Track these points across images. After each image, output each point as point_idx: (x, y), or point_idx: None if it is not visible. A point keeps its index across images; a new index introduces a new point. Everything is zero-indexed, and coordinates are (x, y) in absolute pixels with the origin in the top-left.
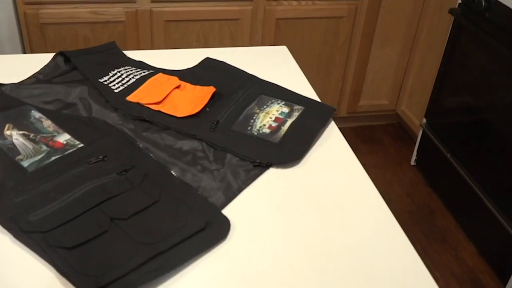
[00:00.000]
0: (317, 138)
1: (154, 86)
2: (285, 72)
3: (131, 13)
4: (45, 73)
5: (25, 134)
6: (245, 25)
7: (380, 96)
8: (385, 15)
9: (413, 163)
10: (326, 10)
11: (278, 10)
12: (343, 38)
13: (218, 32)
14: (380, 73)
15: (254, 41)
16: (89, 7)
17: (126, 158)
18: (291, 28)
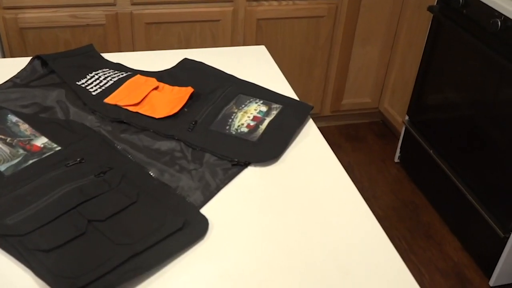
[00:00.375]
0: (295, 136)
1: (132, 88)
2: (264, 72)
3: (111, 16)
4: (22, 77)
5: (2, 138)
6: (226, 26)
7: (363, 94)
8: (365, 13)
9: (397, 160)
10: (307, 10)
11: (258, 11)
12: (324, 37)
13: (199, 33)
14: (362, 72)
15: (235, 42)
16: (69, 11)
17: (104, 160)
18: (272, 28)
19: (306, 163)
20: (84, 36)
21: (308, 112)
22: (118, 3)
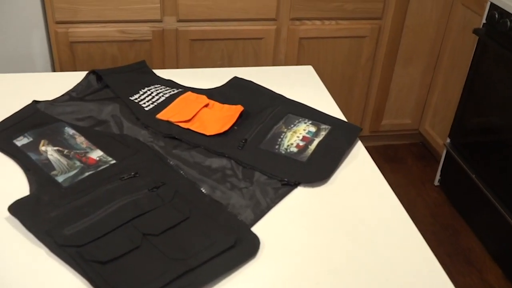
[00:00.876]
0: (344, 157)
1: (183, 105)
2: (311, 92)
3: (157, 32)
4: (78, 91)
5: (60, 150)
6: (269, 44)
7: (403, 115)
8: (408, 34)
9: (437, 183)
10: (349, 30)
11: (301, 30)
12: (366, 57)
13: (242, 50)
14: (403, 92)
15: (277, 60)
16: (117, 26)
17: (157, 175)
18: (314, 47)
19: (355, 185)
20: (130, 51)
21: (357, 134)
22: (165, 20)
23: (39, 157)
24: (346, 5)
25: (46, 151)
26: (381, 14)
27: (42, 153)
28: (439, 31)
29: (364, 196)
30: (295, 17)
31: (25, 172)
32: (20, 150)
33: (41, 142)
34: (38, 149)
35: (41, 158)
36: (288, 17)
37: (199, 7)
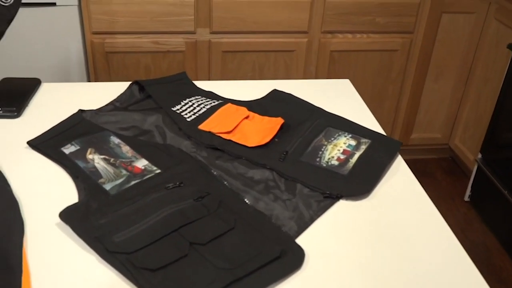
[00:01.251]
0: (385, 172)
1: (224, 116)
2: (349, 105)
3: (191, 43)
4: (122, 101)
5: (106, 158)
6: (300, 57)
7: (433, 129)
8: (440, 48)
9: (467, 199)
10: (381, 43)
11: (333, 43)
12: (397, 71)
13: (273, 62)
14: (434, 106)
15: (307, 72)
16: (152, 37)
17: (201, 185)
18: (345, 60)
19: (397, 199)
20: (163, 62)
21: (397, 148)
22: (198, 32)
23: (87, 165)
24: (378, 18)
25: (93, 159)
26: (413, 28)
27: (89, 161)
28: (471, 45)
29: (407, 210)
30: (326, 30)
31: (73, 179)
32: (68, 158)
33: (88, 150)
34: (86, 157)
35: (89, 166)
36: (319, 30)
37: (232, 19)
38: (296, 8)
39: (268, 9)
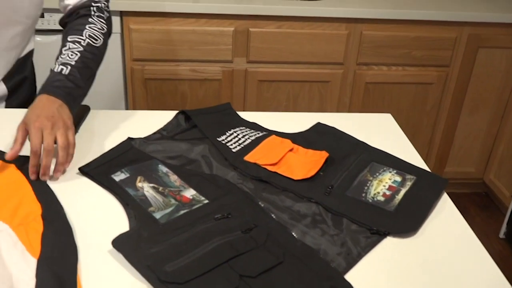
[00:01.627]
0: (431, 209)
1: (269, 148)
2: (391, 140)
3: (227, 72)
4: (168, 130)
5: (155, 187)
6: (335, 88)
7: (467, 163)
8: (476, 82)
9: (502, 236)
10: (416, 76)
11: (368, 75)
12: (432, 104)
13: (307, 92)
14: (468, 140)
15: (341, 103)
16: (190, 65)
17: (249, 217)
18: (379, 92)
19: (444, 237)
20: (200, 89)
21: (444, 186)
22: (235, 61)
23: (136, 193)
24: (414, 52)
25: (143, 187)
26: (449, 62)
27: (139, 189)
28: (508, 80)
29: (454, 249)
30: (362, 62)
31: (124, 207)
32: (118, 185)
33: (138, 178)
34: (135, 185)
35: (138, 194)
36: (355, 62)
37: (269, 49)
38: (332, 40)
39: (305, 41)
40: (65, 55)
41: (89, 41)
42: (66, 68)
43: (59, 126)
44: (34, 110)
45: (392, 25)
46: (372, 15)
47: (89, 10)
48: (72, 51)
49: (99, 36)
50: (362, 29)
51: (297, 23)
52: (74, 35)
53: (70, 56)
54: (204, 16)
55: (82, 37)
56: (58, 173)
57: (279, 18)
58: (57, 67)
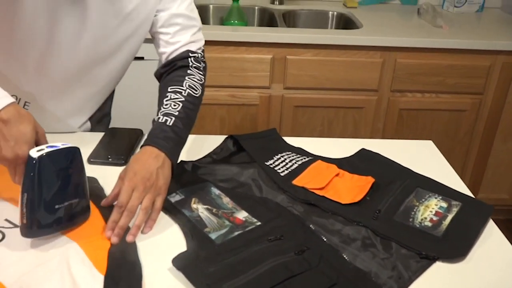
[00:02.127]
0: (479, 235)
1: (316, 173)
2: (434, 166)
3: (265, 97)
4: (218, 154)
5: (209, 208)
6: (369, 114)
7: (501, 190)
8: (509, 110)
9: None
10: (449, 103)
11: (402, 101)
12: (465, 131)
13: (342, 118)
14: (502, 167)
15: (375, 129)
16: (229, 91)
17: (301, 239)
18: (413, 118)
19: (492, 263)
20: (237, 114)
21: (490, 212)
22: (273, 87)
23: (192, 214)
24: (447, 79)
25: (197, 209)
26: (482, 89)
27: (194, 210)
28: None
29: (504, 275)
30: (396, 89)
31: (181, 227)
32: (174, 206)
33: (192, 199)
34: (190, 206)
35: (194, 215)
36: (389, 89)
37: (305, 76)
38: (367, 68)
39: (340, 68)
40: (167, 106)
41: (189, 91)
42: (170, 119)
43: (151, 191)
44: (134, 165)
45: (425, 54)
46: (406, 43)
47: (187, 62)
48: (174, 101)
49: (198, 86)
50: (397, 57)
51: (333, 51)
52: (174, 86)
53: (173, 107)
54: (244, 44)
55: (182, 88)
56: (131, 237)
57: (315, 46)
58: (161, 117)
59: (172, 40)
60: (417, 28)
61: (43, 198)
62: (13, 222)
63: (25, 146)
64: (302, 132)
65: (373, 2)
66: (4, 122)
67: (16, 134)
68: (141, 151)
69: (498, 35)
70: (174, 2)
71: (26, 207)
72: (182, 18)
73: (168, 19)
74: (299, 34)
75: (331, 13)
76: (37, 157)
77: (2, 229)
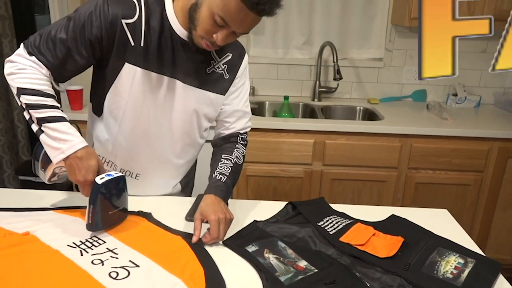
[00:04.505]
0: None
1: (357, 232)
2: (450, 230)
3: (307, 172)
4: (281, 216)
5: (277, 257)
6: (390, 186)
7: (503, 251)
8: (507, 185)
9: None
10: (456, 179)
11: (417, 176)
12: (470, 202)
13: (369, 190)
14: (503, 232)
15: (396, 199)
16: (280, 167)
17: (349, 284)
18: (427, 191)
19: None
20: (286, 185)
21: (499, 268)
22: (314, 164)
23: (265, 261)
24: (454, 160)
25: (269, 257)
26: (483, 168)
27: (267, 258)
28: None
29: None
30: (412, 167)
31: (257, 272)
32: (251, 255)
33: (265, 250)
34: (263, 255)
35: (266, 262)
36: (407, 167)
37: (339, 156)
38: (388, 150)
39: (367, 150)
40: (222, 168)
41: (236, 160)
42: (223, 177)
43: (227, 221)
44: (208, 206)
45: (435, 139)
46: (420, 132)
47: (236, 138)
48: (226, 165)
49: (241, 157)
50: (412, 142)
51: (361, 137)
52: (226, 154)
53: (225, 169)
54: (292, 131)
55: (232, 157)
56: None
57: (347, 133)
58: (217, 175)
59: (230, 126)
60: (427, 119)
61: (102, 207)
62: (135, 263)
63: (92, 174)
64: (337, 200)
65: (390, 100)
66: (79, 158)
67: (86, 166)
68: (206, 198)
69: (494, 125)
70: (236, 98)
71: (92, 213)
72: (241, 112)
73: (231, 113)
74: (334, 124)
75: (359, 107)
76: (100, 183)
77: (127, 268)
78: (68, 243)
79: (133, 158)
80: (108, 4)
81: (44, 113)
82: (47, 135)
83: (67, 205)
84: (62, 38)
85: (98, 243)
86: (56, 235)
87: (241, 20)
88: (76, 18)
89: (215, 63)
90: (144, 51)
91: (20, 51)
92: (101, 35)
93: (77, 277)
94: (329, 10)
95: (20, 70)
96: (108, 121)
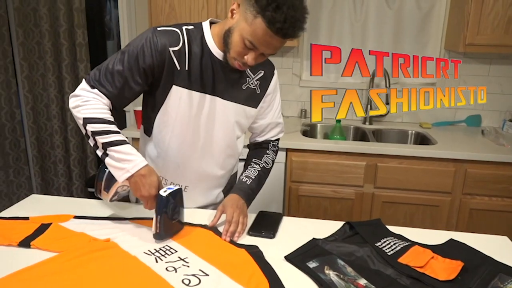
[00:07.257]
0: None
1: (416, 254)
2: (510, 258)
3: (359, 194)
4: (339, 235)
5: (338, 274)
6: (443, 211)
7: None
8: None
9: None
10: None
11: (472, 202)
12: None
13: (421, 214)
14: None
15: (449, 224)
16: (332, 188)
17: None
18: (481, 217)
19: None
20: (337, 205)
21: None
22: (365, 186)
23: (326, 277)
24: (511, 187)
25: (329, 274)
26: None
27: (327, 275)
28: None
29: None
30: (467, 192)
31: (319, 287)
32: (313, 271)
33: (325, 267)
34: (324, 272)
35: (327, 278)
36: (461, 192)
37: (392, 179)
38: (442, 175)
39: (419, 174)
40: (249, 171)
41: (264, 165)
42: (249, 180)
43: (243, 215)
44: (230, 202)
45: (491, 165)
46: (475, 157)
47: (267, 145)
48: (254, 168)
49: (270, 162)
50: (467, 167)
51: (414, 161)
52: (256, 158)
53: (252, 172)
54: (344, 153)
55: (260, 161)
56: (237, 238)
57: (399, 157)
58: (244, 178)
59: (265, 135)
60: (483, 145)
61: (166, 218)
62: (205, 271)
63: (154, 189)
64: (388, 223)
65: (443, 124)
66: (143, 175)
67: (149, 182)
68: (230, 196)
69: None
70: (270, 113)
71: (159, 222)
72: (274, 124)
73: (266, 126)
74: (386, 147)
75: (410, 131)
76: (165, 196)
77: (198, 276)
78: (144, 250)
79: (181, 171)
80: (156, 36)
81: (109, 138)
82: (112, 157)
83: (138, 216)
84: (119, 69)
85: (171, 252)
86: (133, 242)
87: (268, 43)
88: (130, 51)
89: (249, 80)
90: (188, 73)
91: (83, 85)
92: (153, 63)
93: (154, 282)
94: (382, 37)
95: (85, 102)
96: (158, 139)
